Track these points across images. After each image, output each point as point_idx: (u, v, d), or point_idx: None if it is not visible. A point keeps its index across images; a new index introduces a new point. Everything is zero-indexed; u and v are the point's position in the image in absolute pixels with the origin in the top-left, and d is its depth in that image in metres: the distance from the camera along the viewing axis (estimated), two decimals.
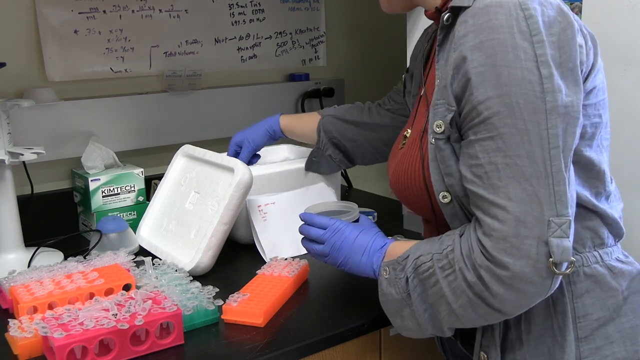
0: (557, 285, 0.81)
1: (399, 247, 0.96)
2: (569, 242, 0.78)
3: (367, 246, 0.99)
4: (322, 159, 1.43)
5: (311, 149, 1.46)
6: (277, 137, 1.46)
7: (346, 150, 1.41)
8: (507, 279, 0.78)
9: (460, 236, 0.85)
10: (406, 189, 0.98)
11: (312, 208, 1.13)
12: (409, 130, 1.04)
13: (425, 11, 1.00)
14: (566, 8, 0.83)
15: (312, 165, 1.46)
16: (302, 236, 1.07)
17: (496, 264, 0.78)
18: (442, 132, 0.87)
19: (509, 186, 0.78)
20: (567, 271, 0.79)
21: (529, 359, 0.89)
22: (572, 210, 0.80)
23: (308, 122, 1.43)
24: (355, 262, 0.99)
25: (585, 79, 0.85)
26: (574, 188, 0.82)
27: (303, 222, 1.07)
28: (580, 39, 0.83)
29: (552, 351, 0.88)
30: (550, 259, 0.77)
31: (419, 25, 1.55)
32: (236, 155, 1.43)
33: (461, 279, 0.82)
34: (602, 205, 0.90)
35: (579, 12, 1.20)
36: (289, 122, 1.44)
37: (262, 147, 1.45)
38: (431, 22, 1.09)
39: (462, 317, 0.85)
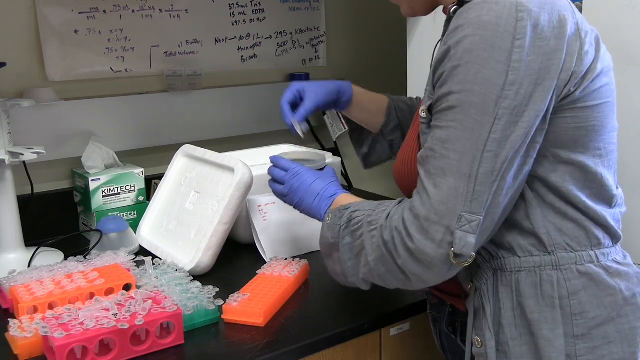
0: (453, 273, 0.87)
1: (345, 199, 1.04)
2: (473, 239, 0.82)
3: (320, 192, 1.07)
4: (378, 145, 1.32)
5: (309, 150, 1.42)
6: (341, 104, 1.28)
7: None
8: (412, 249, 0.84)
9: (398, 203, 0.91)
10: (406, 177, 0.99)
11: (284, 153, 1.20)
12: None
13: (444, 9, 1.00)
14: (567, 14, 0.83)
15: (371, 156, 1.35)
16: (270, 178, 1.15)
17: (407, 234, 0.85)
18: (425, 118, 0.90)
19: (437, 175, 0.83)
20: (464, 264, 0.84)
21: (521, 345, 0.89)
22: (487, 212, 0.82)
23: (376, 99, 1.31)
24: (308, 205, 1.08)
25: (579, 85, 0.85)
26: (507, 195, 0.84)
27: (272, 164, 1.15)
28: (572, 48, 0.83)
29: (539, 343, 0.88)
30: (452, 249, 0.82)
31: (419, 25, 1.55)
32: (294, 101, 1.23)
33: (379, 236, 0.89)
34: (597, 207, 0.90)
35: (579, 11, 1.20)
36: (359, 90, 1.29)
37: (323, 108, 1.26)
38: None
39: (374, 269, 0.91)
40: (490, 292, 0.91)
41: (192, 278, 1.20)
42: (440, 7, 1.01)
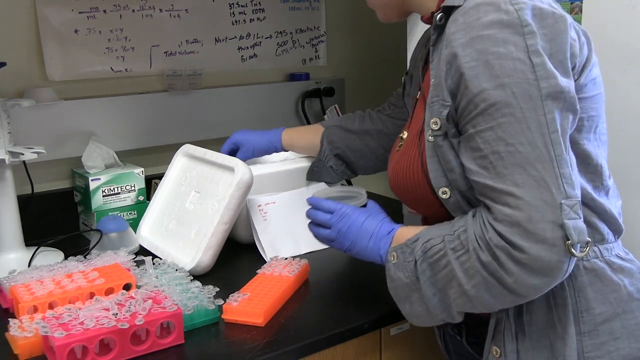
0: (572, 268, 0.81)
1: (407, 232, 0.95)
2: (582, 223, 0.78)
3: (375, 231, 0.98)
4: (323, 170, 1.43)
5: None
6: (277, 150, 1.48)
7: (349, 162, 1.41)
8: (525, 260, 0.78)
9: (473, 217, 0.86)
10: (407, 187, 0.98)
11: (320, 193, 1.13)
12: (406, 133, 1.04)
13: (422, 17, 1.01)
14: (556, 4, 0.85)
15: (314, 175, 1.46)
16: (309, 220, 1.07)
17: (513, 247, 0.79)
18: (439, 129, 0.88)
19: (515, 173, 0.79)
20: (583, 253, 0.79)
21: (531, 350, 0.89)
22: (578, 192, 0.80)
23: (310, 136, 1.44)
24: (362, 247, 0.99)
25: (580, 73, 0.87)
26: (576, 170, 0.82)
27: (310, 206, 1.07)
28: (573, 33, 0.84)
29: (553, 344, 0.88)
30: (568, 242, 0.77)
31: (420, 25, 1.55)
32: (231, 153, 1.46)
33: (475, 259, 0.82)
34: (601, 200, 0.91)
35: (579, 11, 1.20)
36: (289, 137, 1.46)
37: (258, 157, 1.48)
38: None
39: (474, 298, 0.84)
40: None
41: (192, 278, 1.20)
42: None
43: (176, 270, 1.23)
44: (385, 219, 1.01)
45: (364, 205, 1.06)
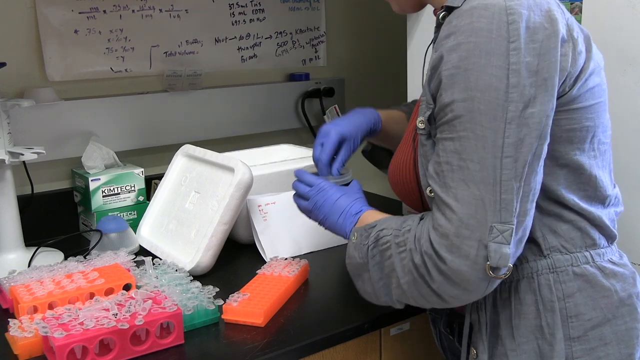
0: (493, 288, 0.83)
1: (371, 216, 1.00)
2: (508, 249, 0.79)
3: (345, 209, 1.03)
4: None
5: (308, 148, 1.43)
6: (370, 137, 1.24)
7: None
8: (446, 271, 0.81)
9: (420, 219, 0.89)
10: (400, 182, 0.99)
11: (309, 167, 1.16)
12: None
13: (434, 10, 1.00)
14: (557, 14, 0.82)
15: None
16: (294, 191, 1.11)
17: (438, 257, 0.81)
18: (423, 129, 0.89)
19: (459, 188, 0.81)
20: (503, 276, 0.81)
21: (519, 355, 0.89)
22: (518, 220, 0.80)
23: (397, 120, 1.26)
24: (333, 222, 1.04)
25: (573, 85, 0.85)
26: (531, 199, 0.82)
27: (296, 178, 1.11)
28: (566, 48, 0.83)
29: (541, 349, 0.88)
30: (488, 263, 0.79)
31: (419, 24, 1.55)
32: (334, 152, 1.14)
33: (409, 259, 0.85)
34: (592, 208, 0.90)
35: (579, 11, 1.20)
36: (386, 118, 1.24)
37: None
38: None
39: (407, 292, 0.88)
40: (488, 304, 0.91)
41: (192, 278, 1.20)
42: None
43: (176, 270, 1.23)
44: (359, 199, 1.05)
45: (347, 184, 1.10)
